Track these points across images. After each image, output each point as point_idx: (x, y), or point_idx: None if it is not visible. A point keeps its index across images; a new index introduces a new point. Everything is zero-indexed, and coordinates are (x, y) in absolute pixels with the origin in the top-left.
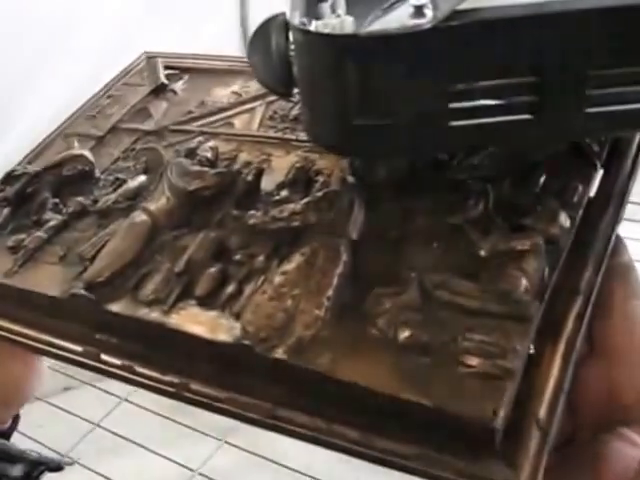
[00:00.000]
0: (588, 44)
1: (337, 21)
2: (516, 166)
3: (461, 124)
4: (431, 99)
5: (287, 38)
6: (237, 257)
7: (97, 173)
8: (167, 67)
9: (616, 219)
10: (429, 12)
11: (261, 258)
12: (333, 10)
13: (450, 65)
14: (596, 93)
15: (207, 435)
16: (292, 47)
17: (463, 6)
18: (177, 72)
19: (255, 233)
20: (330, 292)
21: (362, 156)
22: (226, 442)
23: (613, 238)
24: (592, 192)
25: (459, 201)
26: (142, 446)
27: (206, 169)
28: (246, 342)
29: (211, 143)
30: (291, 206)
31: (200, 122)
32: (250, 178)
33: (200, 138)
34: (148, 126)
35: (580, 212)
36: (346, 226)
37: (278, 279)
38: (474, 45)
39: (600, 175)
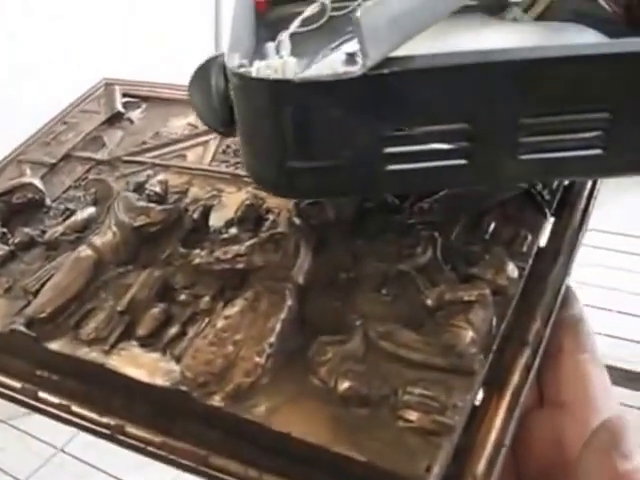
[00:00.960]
0: (519, 93)
1: (280, 62)
2: (467, 212)
3: (397, 168)
4: (366, 144)
5: (226, 79)
6: (182, 297)
7: (48, 202)
8: (125, 95)
9: (566, 270)
10: (359, 60)
11: (206, 299)
12: (277, 51)
13: (384, 111)
14: (529, 140)
15: None
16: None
17: (396, 53)
18: (135, 100)
19: (200, 273)
20: (272, 339)
21: (299, 197)
22: None
23: (563, 289)
24: (543, 241)
25: (409, 246)
26: (106, 472)
27: (152, 205)
28: (183, 388)
29: (161, 177)
30: (236, 247)
31: (153, 153)
32: (196, 216)
33: (149, 172)
34: (101, 155)
35: (529, 262)
36: (292, 270)
37: (220, 323)
38: (406, 92)
39: (551, 225)
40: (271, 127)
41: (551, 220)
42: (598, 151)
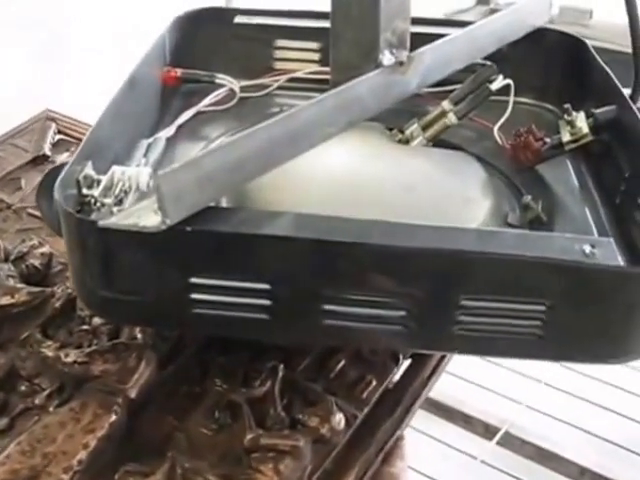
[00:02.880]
0: (318, 268)
1: (134, 171)
2: (317, 347)
3: (203, 312)
4: (172, 287)
5: None
6: (22, 388)
7: None
8: (61, 132)
9: (400, 424)
10: (157, 217)
11: (44, 394)
12: (147, 151)
13: (187, 261)
14: (333, 309)
15: None
16: None
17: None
18: (68, 140)
19: (47, 366)
20: (84, 456)
21: (114, 322)
22: None
23: (391, 443)
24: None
25: (257, 370)
26: None
27: (20, 286)
28: None
29: (45, 249)
30: (75, 352)
31: None
32: (58, 305)
33: (35, 242)
34: (12, 200)
35: (365, 410)
36: (127, 383)
37: (38, 431)
38: (207, 249)
39: (400, 372)
40: (82, 257)
41: (405, 364)
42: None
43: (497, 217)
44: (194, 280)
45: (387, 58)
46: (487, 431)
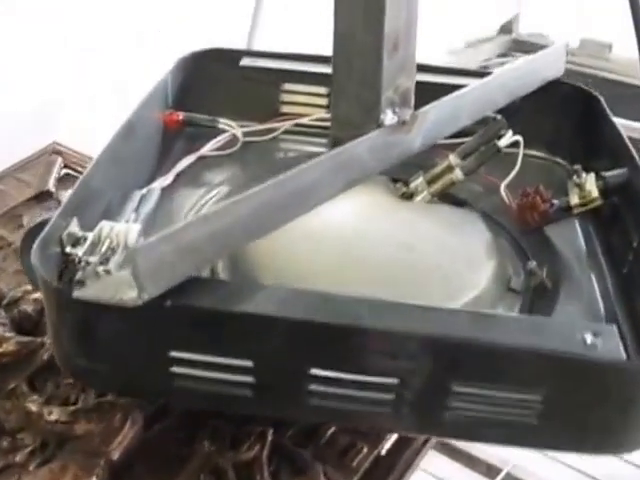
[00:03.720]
0: (302, 347)
1: (123, 228)
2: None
3: (184, 386)
4: (153, 359)
5: None
6: (5, 443)
7: None
8: (67, 166)
9: None
10: (134, 292)
11: (26, 451)
12: (139, 205)
13: (167, 335)
14: (319, 389)
15: None
16: None
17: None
18: (76, 175)
19: (31, 421)
20: None
21: (91, 388)
22: None
23: None
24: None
25: (246, 433)
26: None
27: (9, 335)
28: None
29: (39, 294)
30: (59, 410)
31: None
32: (47, 356)
33: (29, 286)
34: (13, 238)
35: (355, 479)
36: (110, 445)
37: None
38: (186, 323)
39: (393, 439)
40: (58, 324)
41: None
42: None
43: (500, 281)
44: (174, 354)
45: (389, 117)
46: (490, 471)
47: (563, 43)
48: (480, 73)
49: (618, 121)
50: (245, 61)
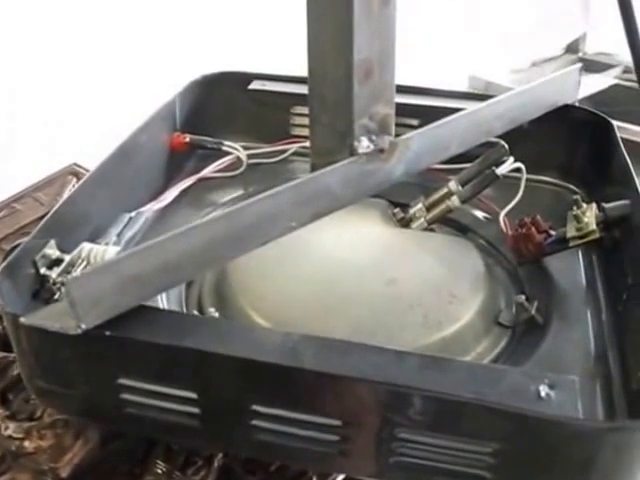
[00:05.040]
0: (244, 383)
1: (101, 250)
2: None
3: (135, 413)
4: (103, 385)
5: None
6: None
7: None
8: None
9: None
10: (73, 321)
11: None
12: (126, 226)
13: (113, 362)
14: (263, 425)
15: None
16: None
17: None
18: None
19: None
20: None
21: (50, 408)
22: None
23: None
24: None
25: (191, 459)
26: None
27: None
28: None
29: None
30: (14, 426)
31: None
32: (16, 373)
33: None
34: None
35: None
36: (59, 462)
37: None
38: (129, 353)
39: None
40: (17, 346)
41: None
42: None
43: (487, 315)
44: (123, 381)
45: (364, 145)
46: None
47: (576, 67)
48: (486, 97)
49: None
50: (255, 84)
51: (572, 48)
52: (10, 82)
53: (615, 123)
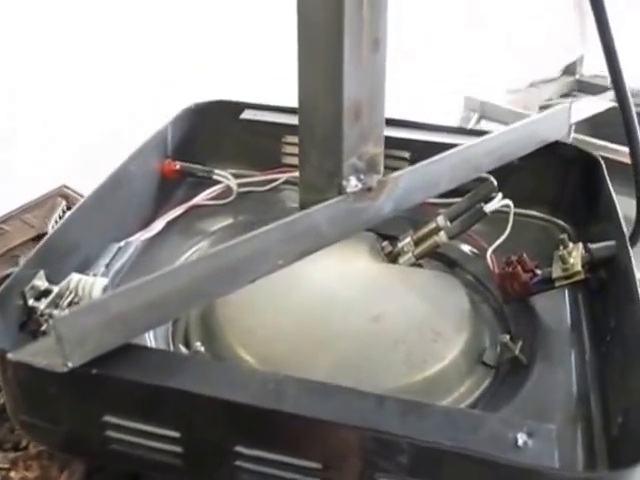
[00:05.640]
0: (226, 425)
1: (89, 282)
2: None
3: (119, 450)
4: (88, 422)
5: None
6: None
7: None
8: (70, 209)
9: None
10: (59, 359)
11: None
12: (114, 256)
13: (98, 400)
14: (246, 466)
15: None
16: None
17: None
18: None
19: None
20: None
21: (34, 442)
22: None
23: None
24: None
25: None
26: None
27: None
28: None
29: None
30: (0, 456)
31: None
32: (1, 402)
33: None
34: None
35: None
36: None
37: None
38: (114, 391)
39: None
40: (3, 379)
41: None
42: None
43: (471, 354)
44: (108, 418)
45: (352, 185)
46: None
47: (566, 106)
48: (479, 132)
49: None
50: (246, 114)
51: (569, 70)
52: (10, 82)
53: (615, 147)
